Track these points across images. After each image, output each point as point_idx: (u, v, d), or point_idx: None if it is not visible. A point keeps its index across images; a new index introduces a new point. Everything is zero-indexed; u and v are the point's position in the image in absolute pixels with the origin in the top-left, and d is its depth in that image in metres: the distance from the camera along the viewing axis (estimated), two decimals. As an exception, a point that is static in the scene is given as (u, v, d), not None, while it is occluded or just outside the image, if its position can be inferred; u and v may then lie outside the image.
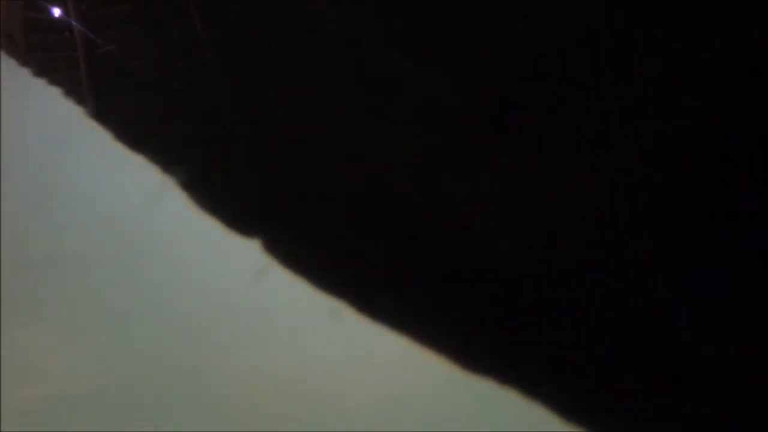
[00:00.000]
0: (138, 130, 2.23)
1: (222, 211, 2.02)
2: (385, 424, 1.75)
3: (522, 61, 1.77)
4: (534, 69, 1.76)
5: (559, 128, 1.72)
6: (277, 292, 1.93)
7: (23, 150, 2.22)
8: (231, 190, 2.11)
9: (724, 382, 1.51)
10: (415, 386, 1.78)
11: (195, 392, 1.86)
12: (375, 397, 1.80)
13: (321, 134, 2.03)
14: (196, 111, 2.24)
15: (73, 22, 2.33)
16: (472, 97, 1.83)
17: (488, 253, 1.75)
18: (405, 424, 1.75)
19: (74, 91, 2.30)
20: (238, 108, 2.19)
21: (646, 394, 1.58)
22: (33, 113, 2.27)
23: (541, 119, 1.74)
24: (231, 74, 2.22)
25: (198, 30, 2.25)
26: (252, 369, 1.89)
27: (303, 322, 1.90)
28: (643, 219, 1.63)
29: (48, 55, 2.36)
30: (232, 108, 2.19)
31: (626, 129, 1.67)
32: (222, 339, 1.92)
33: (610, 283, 1.64)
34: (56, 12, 2.36)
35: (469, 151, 1.82)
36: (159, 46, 2.33)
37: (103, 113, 2.26)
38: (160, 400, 1.85)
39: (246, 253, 1.98)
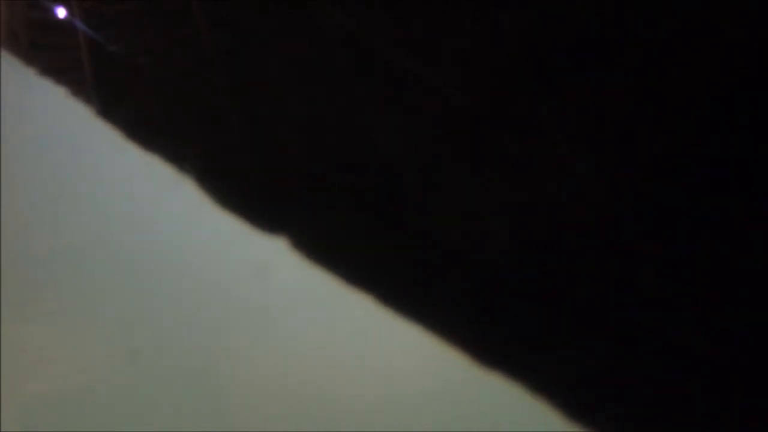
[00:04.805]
0: (145, 128, 2.23)
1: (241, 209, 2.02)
2: (389, 423, 1.73)
3: (521, 53, 1.76)
4: (533, 61, 1.74)
5: (557, 122, 1.71)
6: (279, 289, 1.93)
7: (26, 147, 2.23)
8: (238, 188, 2.11)
9: (725, 381, 1.49)
10: (419, 384, 1.77)
11: (196, 389, 1.86)
12: (377, 395, 1.79)
13: (324, 131, 2.03)
14: (203, 109, 2.24)
15: (78, 22, 2.34)
16: (471, 90, 1.82)
17: (489, 246, 1.73)
18: (409, 423, 1.74)
19: (80, 90, 2.31)
20: (244, 105, 2.19)
21: (649, 392, 1.55)
22: (36, 111, 2.28)
23: (539, 112, 1.72)
24: (236, 71, 2.22)
25: (202, 27, 2.26)
26: (255, 366, 1.88)
27: (305, 319, 1.89)
28: (645, 211, 1.61)
29: (52, 55, 2.37)
30: (238, 105, 2.19)
31: (625, 122, 1.65)
32: (224, 336, 1.92)
33: (612, 277, 1.62)
34: (61, 11, 2.37)
35: (469, 143, 1.81)
36: (164, 45, 2.34)
37: (110, 112, 2.27)
38: (162, 398, 1.85)
39: (249, 250, 1.97)
